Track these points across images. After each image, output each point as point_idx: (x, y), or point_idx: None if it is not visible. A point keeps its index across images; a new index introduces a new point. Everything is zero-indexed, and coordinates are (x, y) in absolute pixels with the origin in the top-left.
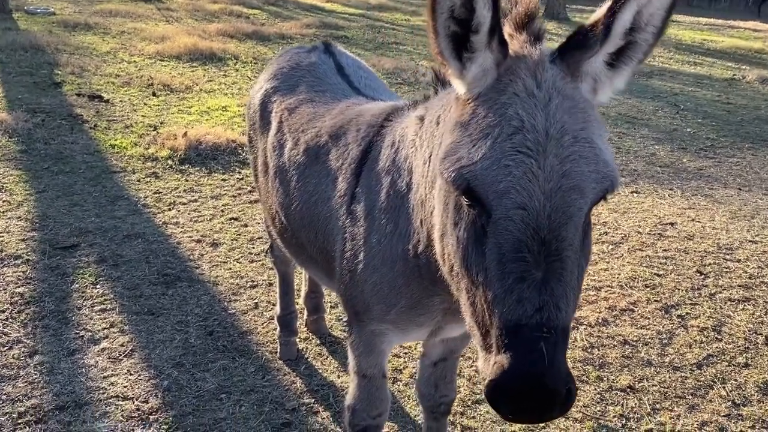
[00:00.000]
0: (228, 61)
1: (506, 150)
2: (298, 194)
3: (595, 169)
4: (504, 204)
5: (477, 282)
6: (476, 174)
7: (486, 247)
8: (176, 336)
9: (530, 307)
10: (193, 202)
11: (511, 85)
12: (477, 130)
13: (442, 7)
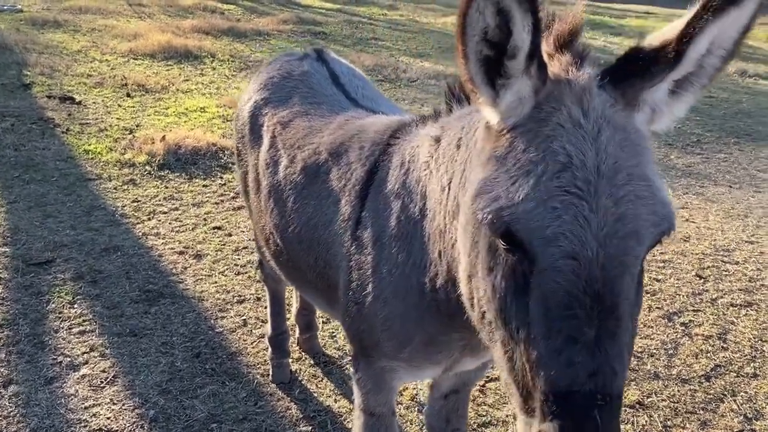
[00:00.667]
0: (204, 59)
1: (553, 190)
2: (295, 216)
3: (652, 210)
4: (551, 252)
5: (517, 337)
6: (518, 217)
7: (529, 300)
8: (161, 359)
9: (583, 372)
10: (174, 210)
11: (555, 114)
12: (516, 165)
13: (474, 29)
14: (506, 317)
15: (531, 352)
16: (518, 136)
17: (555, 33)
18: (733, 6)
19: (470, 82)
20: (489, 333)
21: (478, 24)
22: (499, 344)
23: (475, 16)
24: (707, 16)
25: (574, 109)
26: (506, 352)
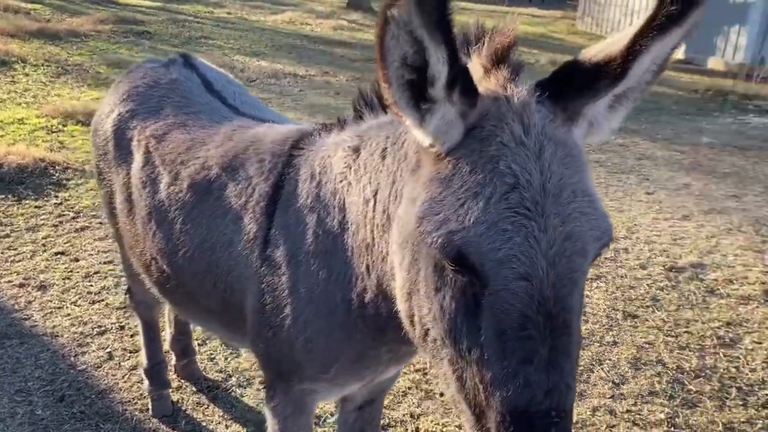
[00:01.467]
0: (14, 64)
1: (502, 212)
2: (186, 238)
3: (595, 225)
4: (504, 274)
5: (469, 357)
6: (470, 240)
7: (480, 321)
8: (18, 409)
9: (539, 391)
10: (5, 237)
11: (497, 132)
12: (464, 188)
13: (393, 55)
14: (456, 337)
15: (485, 373)
16: (462, 158)
17: (491, 47)
18: (676, 25)
19: (394, 106)
20: (433, 350)
21: (396, 51)
22: (446, 362)
23: (391, 42)
24: (653, 33)
25: (515, 127)
26: (455, 371)
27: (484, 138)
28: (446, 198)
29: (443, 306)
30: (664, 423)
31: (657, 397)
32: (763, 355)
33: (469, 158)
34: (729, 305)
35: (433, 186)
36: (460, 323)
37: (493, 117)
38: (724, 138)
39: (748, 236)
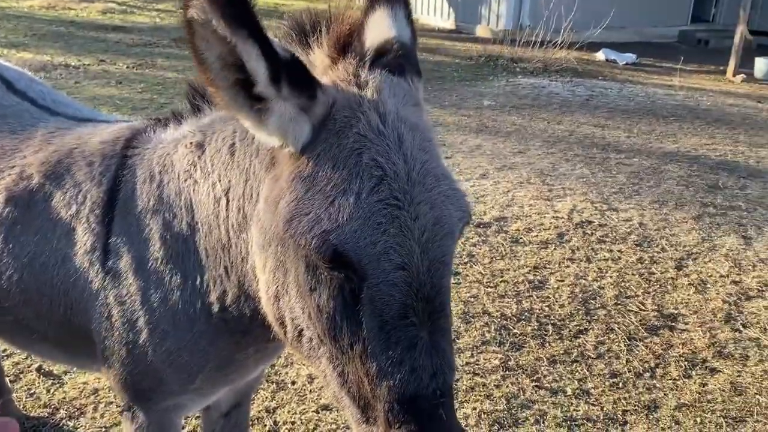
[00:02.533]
0: None
1: (374, 205)
2: (10, 260)
3: (458, 206)
4: (383, 267)
5: (351, 353)
6: (346, 238)
7: (361, 316)
8: None
9: (425, 375)
10: None
11: (353, 124)
12: (330, 185)
13: (209, 57)
14: (336, 335)
15: (369, 366)
16: (321, 153)
17: (331, 37)
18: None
19: (228, 109)
20: (309, 350)
21: (210, 53)
22: (325, 360)
23: (203, 45)
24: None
25: (371, 116)
26: (336, 368)
27: (340, 131)
28: (314, 197)
29: (320, 305)
30: (499, 368)
31: (489, 345)
32: (567, 291)
33: (329, 153)
34: (532, 251)
35: (297, 185)
36: (339, 320)
37: (346, 108)
38: (502, 100)
39: (537, 187)
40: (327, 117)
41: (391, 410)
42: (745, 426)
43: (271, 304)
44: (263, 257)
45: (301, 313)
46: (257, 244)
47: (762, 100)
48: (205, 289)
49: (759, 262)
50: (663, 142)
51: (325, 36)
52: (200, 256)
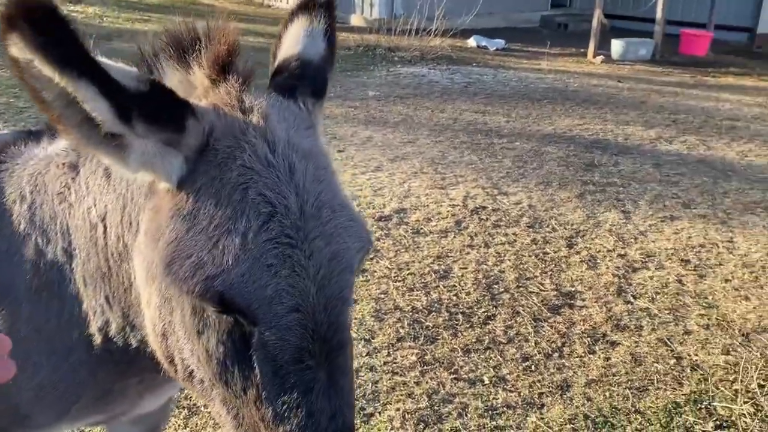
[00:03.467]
0: None
1: (263, 245)
2: None
3: (357, 237)
4: (274, 311)
5: (244, 398)
6: (232, 283)
7: (254, 361)
8: None
9: (324, 418)
10: None
11: (237, 154)
12: (213, 224)
13: (48, 97)
14: (227, 380)
15: (265, 411)
16: (202, 189)
17: (209, 57)
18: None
19: (83, 148)
20: (202, 391)
21: (47, 93)
22: (219, 402)
23: (36, 84)
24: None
25: (258, 145)
26: (230, 411)
27: (222, 163)
28: (195, 237)
29: (209, 350)
30: (417, 364)
31: (404, 341)
32: (471, 278)
33: (211, 188)
34: (434, 241)
35: (177, 224)
36: (230, 365)
37: (227, 136)
38: (385, 90)
39: (431, 176)
40: (205, 147)
41: None
42: (648, 394)
43: (158, 341)
44: (147, 292)
45: (190, 355)
46: (140, 278)
47: (621, 80)
48: (84, 319)
49: (639, 234)
50: (540, 124)
51: (204, 54)
52: (78, 285)
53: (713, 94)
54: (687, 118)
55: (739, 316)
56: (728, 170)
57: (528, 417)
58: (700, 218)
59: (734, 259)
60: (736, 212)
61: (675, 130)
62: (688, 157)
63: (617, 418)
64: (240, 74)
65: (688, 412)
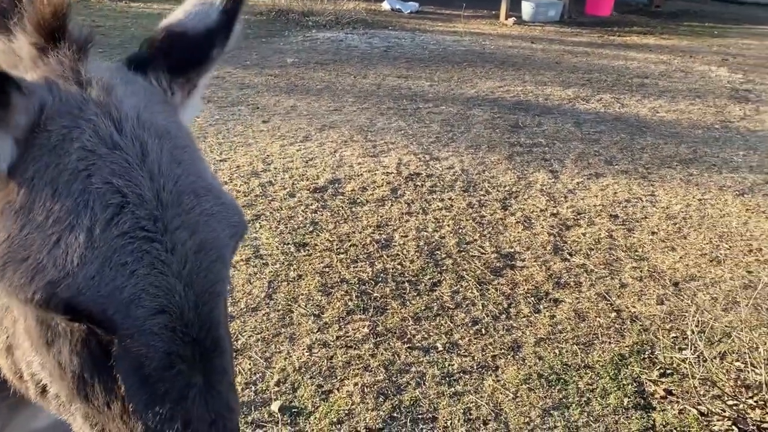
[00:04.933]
0: None
1: (114, 241)
2: None
3: (228, 222)
4: (134, 315)
5: (109, 413)
6: (80, 288)
7: (116, 372)
8: None
9: (202, 425)
10: None
11: (73, 135)
12: (52, 219)
13: None
14: (87, 394)
15: (134, 425)
16: (35, 178)
17: (33, 17)
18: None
19: None
20: (59, 407)
21: None
22: (80, 419)
23: None
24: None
25: (101, 124)
26: (94, 427)
27: (57, 145)
28: (30, 236)
29: (62, 362)
30: (369, 336)
31: (354, 314)
32: (413, 246)
33: (46, 177)
34: (372, 210)
35: (8, 220)
36: (89, 378)
37: (63, 114)
38: (304, 56)
39: (361, 144)
40: (36, 128)
41: None
42: (594, 349)
43: (3, 356)
44: None
45: (41, 369)
46: None
47: (534, 41)
48: None
49: (568, 192)
50: (462, 88)
51: (26, 18)
52: None
53: (621, 53)
54: (600, 77)
55: (669, 267)
56: (642, 126)
57: (484, 380)
58: (623, 174)
59: (658, 212)
60: (654, 167)
61: (590, 89)
62: (605, 115)
63: (569, 374)
64: (74, 41)
65: (633, 363)
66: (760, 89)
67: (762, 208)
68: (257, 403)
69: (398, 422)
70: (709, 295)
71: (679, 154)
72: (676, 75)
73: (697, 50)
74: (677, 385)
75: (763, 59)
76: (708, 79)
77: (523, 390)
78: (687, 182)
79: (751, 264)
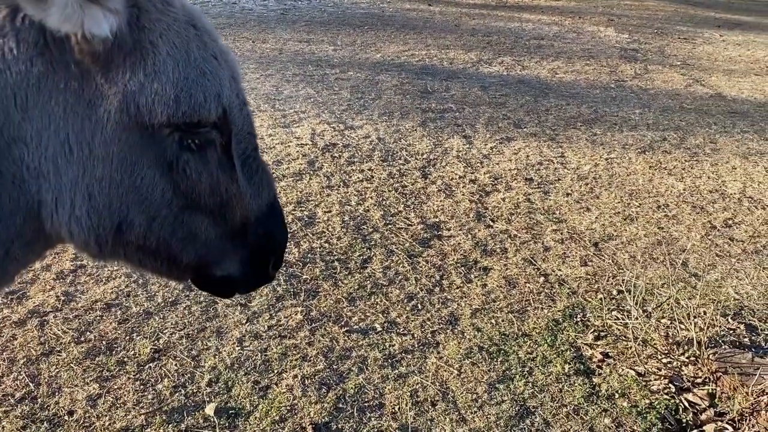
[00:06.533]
0: None
1: (231, 63)
2: None
3: None
4: (242, 111)
5: (222, 199)
6: (228, 96)
7: (234, 164)
8: None
9: (273, 181)
10: None
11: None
12: (191, 57)
13: None
14: (212, 192)
15: (247, 201)
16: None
17: None
18: None
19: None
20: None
21: None
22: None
23: None
24: None
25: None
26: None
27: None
28: (184, 71)
29: (192, 173)
30: (303, 323)
31: (285, 299)
32: (338, 222)
33: (166, 33)
34: (290, 186)
35: (146, 67)
36: (215, 181)
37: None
38: None
39: (270, 114)
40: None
41: (271, 221)
42: (529, 316)
43: (94, 210)
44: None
45: (145, 199)
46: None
47: (431, 3)
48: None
49: (484, 158)
50: (367, 52)
51: None
52: None
53: (515, 15)
54: (499, 39)
55: (586, 227)
56: (545, 88)
57: (427, 359)
58: (532, 137)
59: (569, 173)
60: (560, 128)
61: (491, 52)
62: (508, 77)
63: (508, 344)
64: None
65: (567, 327)
66: (646, 48)
67: (663, 165)
68: (189, 408)
69: (345, 413)
70: (628, 254)
71: (582, 115)
72: (569, 36)
73: (585, 11)
74: (612, 347)
75: (645, 19)
76: (598, 39)
77: (467, 365)
78: (592, 142)
79: (661, 220)
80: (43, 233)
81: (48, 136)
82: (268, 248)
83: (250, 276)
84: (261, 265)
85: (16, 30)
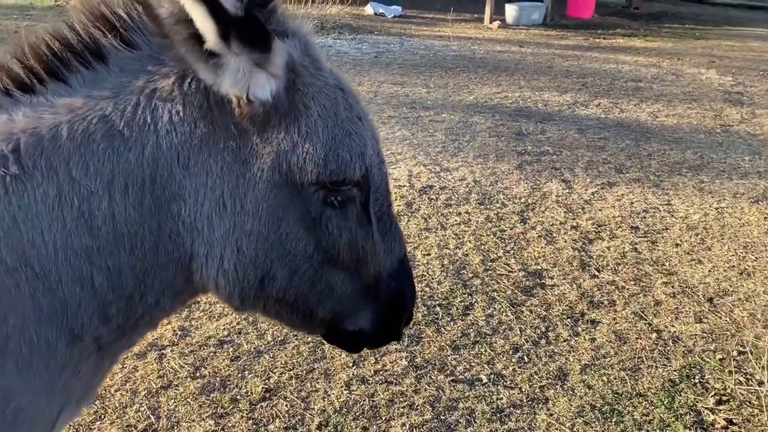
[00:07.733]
0: None
1: (370, 123)
2: None
3: None
4: (379, 169)
5: (360, 262)
6: (370, 156)
7: (371, 220)
8: None
9: (402, 239)
10: None
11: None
12: (339, 118)
13: (162, 13)
14: (351, 248)
15: (376, 256)
16: (309, 95)
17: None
18: None
19: (184, 62)
20: (274, 294)
21: (162, 9)
22: (304, 289)
23: (154, 2)
24: None
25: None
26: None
27: (312, 74)
28: (331, 131)
29: (333, 228)
30: (408, 368)
31: (389, 345)
32: (437, 265)
33: (317, 95)
34: None
35: (302, 128)
36: (354, 236)
37: (302, 56)
38: None
39: None
40: (292, 67)
41: (402, 277)
42: (642, 374)
43: (242, 264)
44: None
45: (289, 252)
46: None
47: (522, 45)
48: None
49: (585, 204)
50: (460, 94)
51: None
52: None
53: (610, 56)
54: (594, 81)
55: (699, 281)
56: (645, 132)
57: (537, 415)
58: (636, 182)
59: (678, 222)
60: (665, 174)
61: (587, 94)
62: (606, 120)
63: (622, 404)
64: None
65: (685, 389)
66: (752, 92)
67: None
68: None
69: None
70: (747, 312)
71: (687, 160)
72: (668, 78)
73: (684, 52)
74: (736, 413)
75: (749, 61)
76: (700, 81)
77: (579, 424)
78: (700, 190)
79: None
80: (191, 285)
81: (205, 192)
82: (399, 304)
83: (381, 331)
84: (393, 321)
85: (184, 94)
